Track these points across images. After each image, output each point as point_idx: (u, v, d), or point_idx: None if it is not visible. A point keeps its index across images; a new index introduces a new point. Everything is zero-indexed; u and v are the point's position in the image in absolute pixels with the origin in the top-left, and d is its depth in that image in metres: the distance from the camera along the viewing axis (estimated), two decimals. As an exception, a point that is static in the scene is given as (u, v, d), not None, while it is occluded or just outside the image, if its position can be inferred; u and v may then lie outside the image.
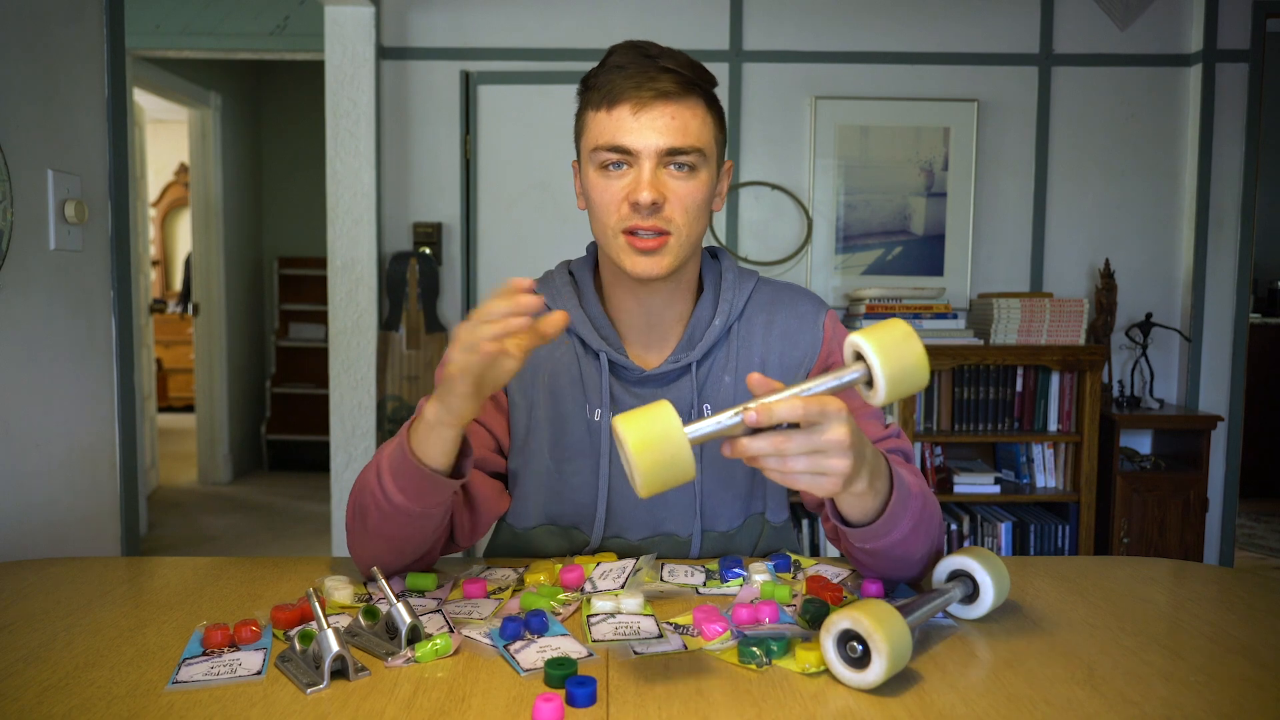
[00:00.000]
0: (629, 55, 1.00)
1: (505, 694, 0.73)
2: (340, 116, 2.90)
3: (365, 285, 2.94)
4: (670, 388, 1.10)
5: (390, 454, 0.93)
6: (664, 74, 0.98)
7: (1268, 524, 4.06)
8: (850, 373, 0.77)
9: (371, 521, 0.96)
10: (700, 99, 1.01)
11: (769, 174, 3.05)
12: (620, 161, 1.00)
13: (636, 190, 0.98)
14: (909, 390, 0.76)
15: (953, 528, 2.89)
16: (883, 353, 0.75)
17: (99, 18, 1.60)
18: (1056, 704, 0.72)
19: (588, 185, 1.03)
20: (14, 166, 1.39)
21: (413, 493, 0.92)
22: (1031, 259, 3.07)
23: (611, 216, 1.01)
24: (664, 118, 0.98)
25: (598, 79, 1.02)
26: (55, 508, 1.50)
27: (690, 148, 0.99)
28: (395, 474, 0.92)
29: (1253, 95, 2.98)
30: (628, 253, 1.01)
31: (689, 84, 1.00)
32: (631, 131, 0.98)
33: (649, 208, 0.98)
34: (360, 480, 0.99)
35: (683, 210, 1.00)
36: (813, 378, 0.78)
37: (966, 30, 3.02)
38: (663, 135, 0.98)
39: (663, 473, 0.72)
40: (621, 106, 0.98)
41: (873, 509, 0.88)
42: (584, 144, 1.04)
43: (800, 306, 1.13)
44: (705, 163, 1.01)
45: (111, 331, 1.64)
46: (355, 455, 2.98)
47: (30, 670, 0.78)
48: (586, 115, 1.03)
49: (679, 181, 1.00)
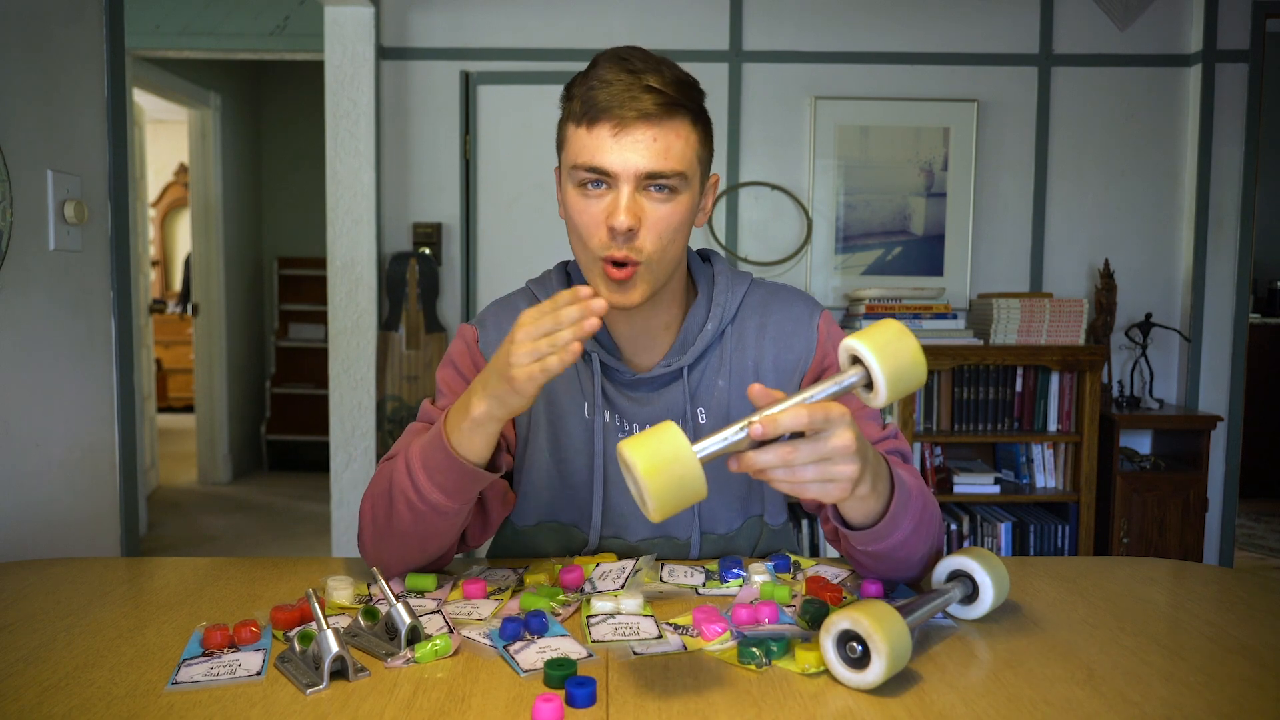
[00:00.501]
0: (613, 69, 0.96)
1: (505, 694, 0.73)
2: (340, 116, 2.90)
3: (365, 285, 2.94)
4: (663, 392, 1.09)
5: (423, 452, 0.94)
6: (647, 93, 0.94)
7: (1268, 524, 4.06)
8: (849, 377, 0.77)
9: (400, 522, 0.96)
10: (685, 117, 0.97)
11: (769, 174, 3.05)
12: (599, 181, 0.96)
13: (614, 214, 0.95)
14: (908, 389, 0.76)
15: (953, 528, 2.89)
16: (880, 354, 0.75)
17: (99, 18, 1.60)
18: (1056, 704, 0.72)
19: (567, 201, 1.01)
20: (14, 166, 1.39)
21: (453, 488, 0.92)
22: (1031, 259, 3.07)
23: (592, 240, 0.98)
24: (645, 140, 0.94)
25: (580, 91, 0.98)
26: (55, 508, 1.50)
27: (671, 171, 0.95)
28: (431, 471, 0.92)
29: (1252, 95, 2.98)
30: (603, 281, 0.99)
31: (672, 104, 0.96)
32: (611, 153, 0.95)
33: (624, 234, 0.95)
34: (383, 482, 0.99)
35: (655, 237, 0.97)
36: (810, 383, 0.78)
37: (966, 30, 3.02)
38: (642, 158, 0.94)
39: (675, 495, 0.71)
40: (601, 126, 0.95)
41: (875, 511, 0.88)
42: (564, 157, 1.01)
43: (794, 308, 1.12)
44: (686, 185, 0.98)
45: (111, 331, 1.64)
46: (355, 455, 2.98)
47: (30, 670, 0.78)
48: (567, 128, 1.00)
49: (657, 205, 0.97)
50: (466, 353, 1.10)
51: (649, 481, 0.70)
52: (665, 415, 1.09)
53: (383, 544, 0.99)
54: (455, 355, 1.11)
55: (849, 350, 0.77)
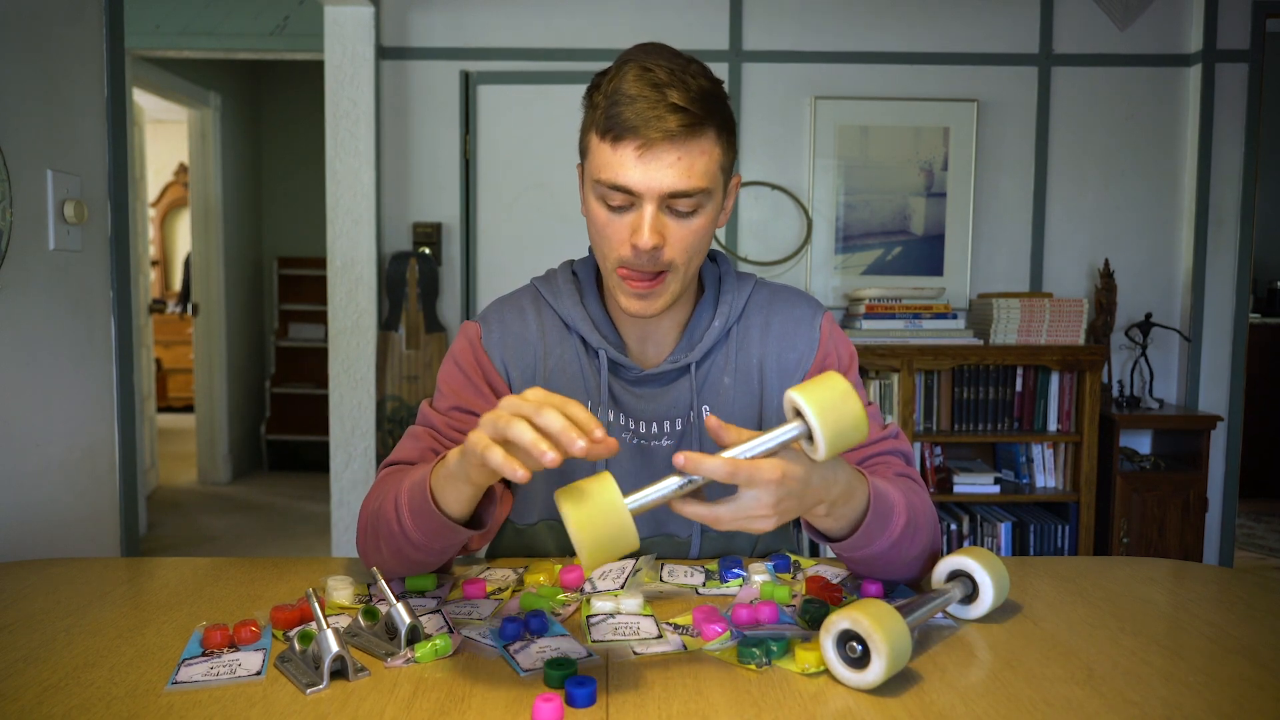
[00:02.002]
0: (638, 84, 0.94)
1: (505, 694, 0.73)
2: (340, 116, 2.90)
3: (365, 285, 2.94)
4: (669, 388, 1.10)
5: (410, 489, 0.90)
6: (672, 113, 0.93)
7: (1268, 524, 4.06)
8: (790, 430, 0.77)
9: (387, 546, 0.95)
10: (710, 131, 0.96)
11: (769, 174, 3.05)
12: (622, 204, 0.97)
13: (638, 234, 0.96)
14: (846, 448, 0.77)
15: (952, 528, 2.89)
16: (822, 414, 0.75)
17: (99, 18, 1.60)
18: (1056, 704, 0.72)
19: (589, 211, 1.01)
20: (14, 166, 1.39)
21: (432, 534, 0.90)
22: (1031, 259, 3.07)
23: (612, 251, 1.00)
24: (669, 159, 0.94)
25: (603, 101, 0.97)
26: (55, 508, 1.50)
27: (695, 189, 0.95)
28: (414, 514, 0.89)
29: (1252, 95, 2.98)
30: (623, 291, 1.01)
31: (697, 122, 0.94)
32: (634, 173, 0.94)
33: (649, 253, 0.96)
34: (375, 507, 0.97)
35: (682, 250, 0.99)
36: (758, 432, 0.78)
37: (966, 30, 3.02)
38: (666, 179, 0.94)
39: (607, 548, 0.72)
40: (626, 145, 0.94)
41: (839, 530, 0.88)
42: (587, 166, 1.01)
43: (797, 309, 1.13)
44: (710, 199, 0.98)
45: (111, 332, 1.64)
46: (355, 455, 2.98)
47: (30, 670, 0.78)
48: (591, 137, 0.99)
49: (680, 222, 0.97)
50: (469, 350, 1.10)
51: (580, 533, 0.71)
52: (671, 412, 1.09)
53: (374, 559, 0.99)
54: (458, 352, 1.10)
55: (792, 403, 0.77)
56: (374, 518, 0.96)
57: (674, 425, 1.10)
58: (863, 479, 0.88)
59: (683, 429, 1.10)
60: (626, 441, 1.10)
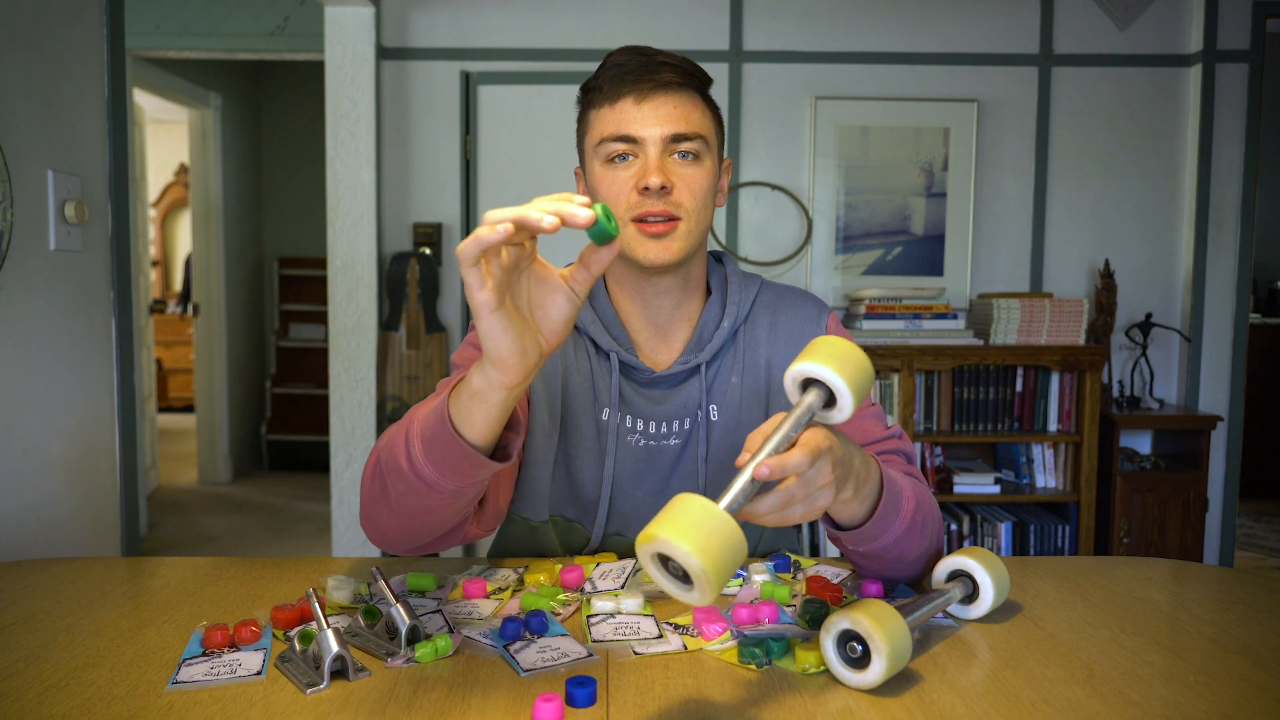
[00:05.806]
0: (627, 55, 1.03)
1: (505, 694, 0.73)
2: (340, 117, 2.90)
3: (365, 285, 2.94)
4: (678, 389, 1.11)
5: (425, 418, 0.80)
6: (663, 68, 1.02)
7: (1268, 524, 4.06)
8: (806, 405, 0.75)
9: (394, 491, 0.84)
10: (698, 94, 1.05)
11: (769, 174, 3.05)
12: (626, 153, 1.02)
13: (645, 176, 1.00)
14: (865, 392, 0.75)
15: (953, 528, 2.89)
16: (840, 367, 0.73)
17: (99, 18, 1.60)
18: (1056, 704, 0.72)
19: (594, 180, 1.05)
20: (14, 166, 1.39)
21: (447, 468, 0.79)
22: (1031, 259, 3.07)
23: (620, 205, 1.02)
24: (667, 105, 1.01)
25: (598, 81, 1.05)
26: (55, 508, 1.50)
27: (694, 133, 1.02)
28: (428, 443, 0.79)
29: (1252, 95, 2.98)
30: (638, 240, 1.02)
31: (688, 76, 1.03)
32: (635, 120, 1.01)
33: (658, 191, 1.00)
34: (386, 441, 0.86)
35: (690, 195, 1.02)
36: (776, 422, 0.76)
37: (966, 30, 3.02)
38: (666, 122, 1.01)
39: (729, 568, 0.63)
40: (624, 99, 1.02)
41: (860, 514, 0.88)
42: (588, 142, 1.06)
43: (803, 308, 1.15)
44: (708, 150, 1.04)
45: (111, 332, 1.64)
46: (355, 455, 2.98)
47: (30, 670, 0.78)
48: (589, 115, 1.06)
49: (685, 168, 1.02)
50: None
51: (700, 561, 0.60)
52: (679, 412, 1.10)
53: (377, 514, 0.90)
54: (475, 336, 1.08)
55: (801, 375, 0.75)
56: (380, 461, 0.86)
57: (681, 425, 1.10)
58: (872, 459, 0.88)
59: (690, 428, 1.10)
60: (634, 443, 1.10)
